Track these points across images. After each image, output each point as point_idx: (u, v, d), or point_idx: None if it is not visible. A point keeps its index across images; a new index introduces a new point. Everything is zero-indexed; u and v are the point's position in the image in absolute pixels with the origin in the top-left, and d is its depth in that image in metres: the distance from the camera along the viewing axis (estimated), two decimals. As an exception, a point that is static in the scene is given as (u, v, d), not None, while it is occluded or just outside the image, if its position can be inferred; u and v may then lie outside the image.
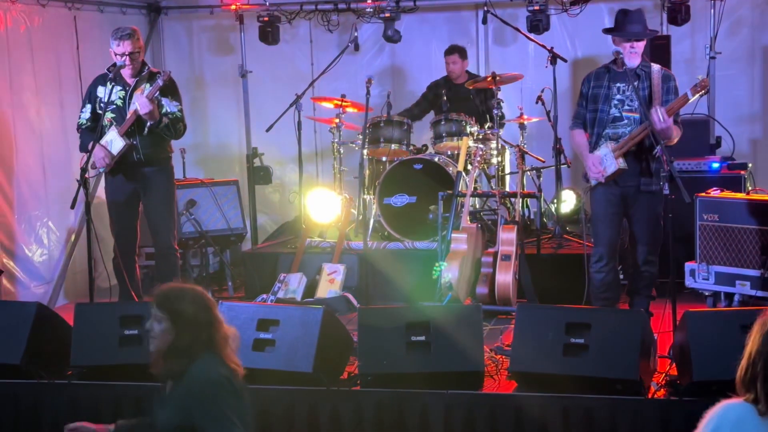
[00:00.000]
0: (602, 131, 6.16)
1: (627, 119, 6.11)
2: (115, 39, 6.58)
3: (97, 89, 6.76)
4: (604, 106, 6.15)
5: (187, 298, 3.65)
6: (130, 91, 6.66)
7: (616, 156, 6.03)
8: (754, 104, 8.93)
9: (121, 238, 6.87)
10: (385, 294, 7.46)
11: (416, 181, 7.93)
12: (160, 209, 6.85)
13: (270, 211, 9.97)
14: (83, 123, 6.80)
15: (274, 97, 8.99)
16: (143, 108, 6.43)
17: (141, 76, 6.69)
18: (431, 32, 9.63)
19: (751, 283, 6.71)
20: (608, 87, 6.16)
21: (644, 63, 6.18)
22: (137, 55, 6.62)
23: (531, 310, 5.55)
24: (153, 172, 6.78)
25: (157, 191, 6.83)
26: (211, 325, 3.65)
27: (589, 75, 6.32)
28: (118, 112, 6.66)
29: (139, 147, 6.65)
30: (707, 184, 7.25)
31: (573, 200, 8.75)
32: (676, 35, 8.52)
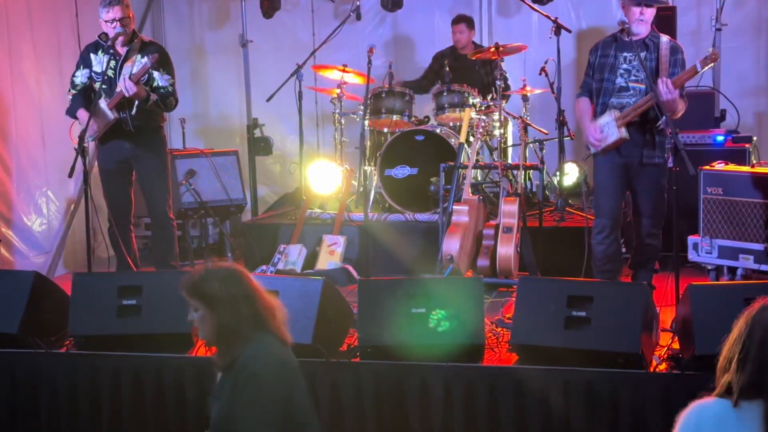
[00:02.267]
0: (607, 100, 6.10)
1: (633, 89, 6.05)
2: (104, 6, 6.50)
3: (89, 56, 6.69)
4: (610, 75, 6.09)
5: (213, 278, 3.57)
6: (120, 61, 6.58)
7: (618, 125, 5.98)
8: (759, 77, 8.85)
9: (115, 208, 6.83)
10: (385, 266, 7.41)
11: (418, 153, 7.87)
12: (153, 178, 6.80)
13: (270, 182, 9.92)
14: (78, 84, 6.72)
15: (275, 68, 8.91)
16: (129, 91, 6.35)
17: (132, 46, 6.61)
18: (434, 2, 9.54)
19: (754, 257, 6.67)
20: (615, 57, 6.10)
21: (653, 33, 6.11)
22: (127, 21, 6.53)
23: (532, 283, 5.51)
24: (144, 141, 6.73)
25: (149, 160, 6.78)
26: (249, 299, 3.56)
27: (597, 44, 6.26)
28: (109, 83, 6.58)
29: (128, 119, 6.59)
30: (711, 157, 7.19)
31: (576, 173, 8.68)
32: (682, 6, 8.45)
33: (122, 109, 6.56)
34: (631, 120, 6.00)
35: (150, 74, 6.50)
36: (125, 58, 6.58)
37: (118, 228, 6.79)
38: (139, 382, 5.30)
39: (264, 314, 3.58)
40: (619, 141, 6.01)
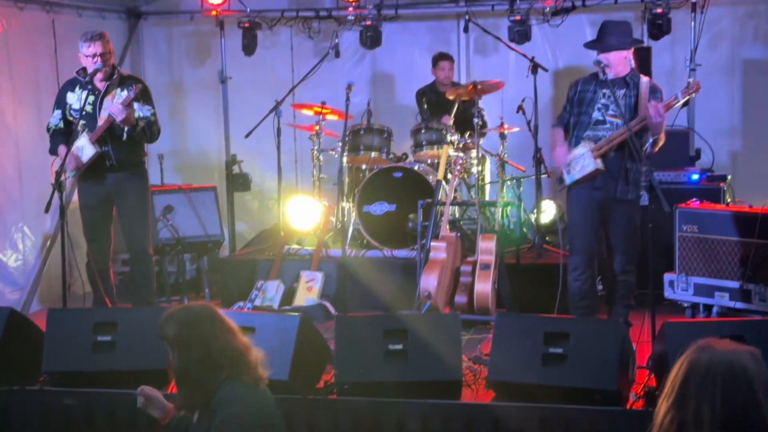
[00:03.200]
0: (582, 134, 6.15)
1: (609, 123, 6.11)
2: (84, 41, 6.52)
3: (66, 95, 6.69)
4: (588, 108, 6.16)
5: (173, 321, 3.53)
6: (100, 96, 6.59)
7: (594, 156, 6.03)
8: (734, 117, 8.96)
9: (95, 244, 6.80)
10: (363, 302, 7.40)
11: (396, 190, 7.90)
12: (134, 214, 6.79)
13: (248, 218, 9.91)
14: (51, 127, 6.73)
15: (253, 104, 8.92)
16: (118, 115, 6.36)
17: (112, 81, 6.62)
18: (413, 40, 9.61)
19: (729, 294, 6.71)
20: (594, 92, 6.18)
21: (633, 73, 6.19)
22: (108, 56, 6.55)
23: (509, 320, 5.52)
24: (126, 176, 6.73)
25: (131, 196, 6.77)
26: (208, 344, 3.49)
27: (577, 80, 6.35)
28: (89, 119, 6.58)
29: (111, 153, 6.59)
30: (687, 195, 7.25)
31: (553, 210, 8.74)
32: (657, 47, 8.53)
33: (104, 143, 6.55)
34: (606, 152, 6.05)
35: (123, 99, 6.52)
36: (105, 93, 6.58)
37: (97, 264, 6.76)
38: (114, 419, 5.26)
39: (230, 358, 3.51)
40: (595, 172, 6.05)
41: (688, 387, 2.66)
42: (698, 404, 2.62)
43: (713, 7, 8.51)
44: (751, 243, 6.61)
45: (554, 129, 6.41)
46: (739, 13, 8.81)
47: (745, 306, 6.63)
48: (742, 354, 2.67)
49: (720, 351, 2.67)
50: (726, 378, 2.61)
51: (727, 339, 2.80)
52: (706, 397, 2.62)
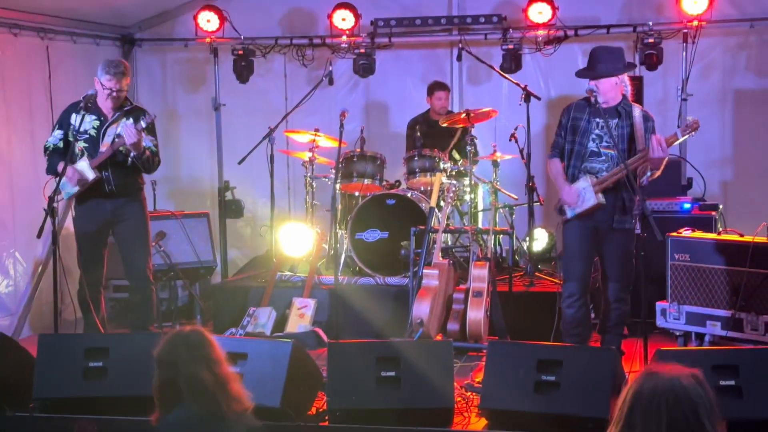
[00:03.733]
0: (579, 164, 6.16)
1: (605, 155, 6.12)
2: (107, 72, 6.53)
3: (70, 116, 6.68)
4: (583, 139, 6.16)
5: (163, 340, 3.59)
6: (107, 123, 6.60)
7: (596, 191, 6.04)
8: (725, 147, 9.00)
9: (89, 269, 6.77)
10: (355, 329, 7.37)
11: (389, 217, 7.91)
12: (134, 240, 6.79)
13: (241, 245, 9.90)
14: (50, 146, 6.71)
15: (247, 131, 8.94)
16: (130, 138, 6.37)
17: (121, 111, 6.64)
18: (406, 69, 9.66)
19: (721, 323, 6.72)
20: (588, 121, 6.17)
21: (626, 102, 6.20)
22: (123, 93, 6.60)
23: (502, 347, 5.52)
24: (125, 202, 6.74)
25: (131, 222, 6.77)
26: (176, 369, 3.52)
27: (570, 106, 6.34)
28: (91, 142, 6.59)
29: (111, 178, 6.60)
30: (679, 224, 7.28)
31: (545, 238, 8.77)
32: (649, 77, 8.60)
33: (104, 168, 6.56)
34: (607, 187, 6.07)
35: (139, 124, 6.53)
36: (112, 121, 6.60)
37: (90, 289, 6.72)
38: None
39: (195, 387, 3.50)
40: (596, 206, 6.07)
41: (634, 414, 2.67)
42: (645, 431, 2.62)
43: (705, 38, 8.58)
44: (742, 272, 6.63)
45: (552, 160, 6.40)
46: (730, 44, 8.88)
47: (737, 335, 6.64)
48: (686, 378, 2.67)
49: (664, 377, 2.67)
50: (670, 404, 2.62)
51: (675, 363, 2.80)
52: (651, 424, 2.62)
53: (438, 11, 9.34)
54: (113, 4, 9.03)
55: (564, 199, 6.21)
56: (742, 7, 8.73)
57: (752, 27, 8.67)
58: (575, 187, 6.14)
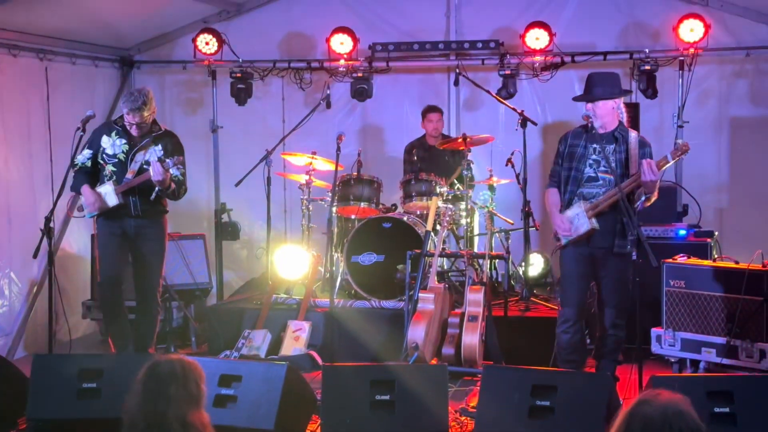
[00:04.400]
0: (576, 190, 6.17)
1: (602, 180, 6.13)
2: (124, 105, 6.58)
3: (101, 138, 6.70)
4: (580, 165, 6.17)
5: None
6: (135, 149, 6.63)
7: (589, 216, 6.04)
8: (721, 174, 9.04)
9: (111, 280, 6.76)
10: (350, 352, 7.38)
11: (385, 240, 7.92)
12: (151, 261, 6.83)
13: (236, 267, 9.90)
14: (78, 164, 6.73)
15: (244, 153, 8.97)
16: (156, 175, 6.42)
17: (150, 136, 6.68)
18: (403, 93, 9.70)
19: (716, 350, 6.72)
20: (584, 147, 6.19)
21: (622, 127, 6.22)
22: (145, 125, 6.63)
23: (497, 372, 5.52)
24: (148, 223, 6.78)
25: (151, 243, 6.82)
26: (138, 400, 3.52)
27: (567, 134, 6.36)
28: (119, 167, 6.63)
29: (138, 204, 6.65)
30: (674, 250, 7.29)
31: (541, 263, 8.79)
32: (645, 103, 8.63)
33: (131, 194, 6.62)
34: (601, 211, 6.08)
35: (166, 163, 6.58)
36: (140, 147, 6.63)
37: (110, 298, 6.75)
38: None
39: (149, 423, 3.46)
40: (590, 231, 6.07)
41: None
42: None
43: (701, 65, 8.63)
44: (737, 299, 6.64)
45: (549, 191, 6.40)
46: (726, 72, 8.93)
47: (732, 362, 6.64)
48: (684, 403, 2.75)
49: (660, 402, 2.73)
50: (673, 428, 2.68)
51: (665, 390, 2.83)
52: None
53: (436, 36, 9.39)
54: (112, 26, 9.07)
55: (556, 228, 6.22)
56: (738, 36, 8.79)
57: (748, 55, 8.73)
58: (567, 215, 6.15)
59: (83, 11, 8.27)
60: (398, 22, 9.50)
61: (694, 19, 8.30)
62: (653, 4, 9.02)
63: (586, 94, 6.26)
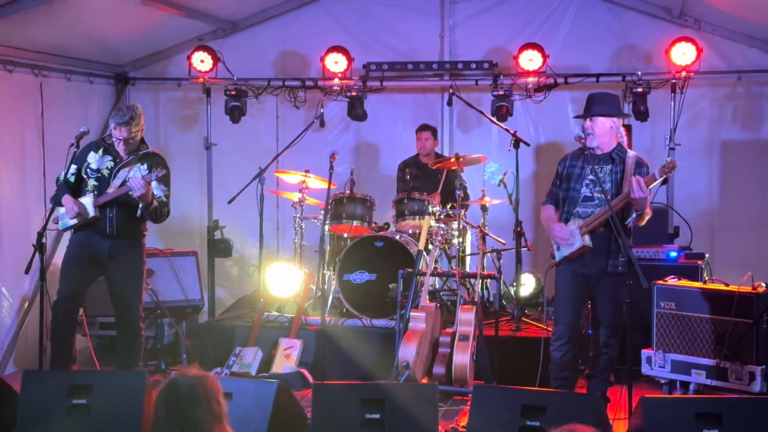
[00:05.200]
0: (573, 209, 6.20)
1: (598, 199, 6.14)
2: (113, 122, 6.55)
3: (88, 154, 6.67)
4: (577, 185, 6.21)
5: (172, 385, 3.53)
6: (120, 165, 6.61)
7: (582, 233, 6.07)
8: (712, 196, 9.09)
9: (66, 297, 6.62)
10: (341, 371, 7.39)
11: (377, 259, 7.94)
12: (127, 284, 6.72)
13: (228, 284, 9.90)
14: (61, 179, 6.69)
15: (237, 170, 8.99)
16: (137, 190, 6.36)
17: (136, 154, 6.66)
18: (397, 112, 9.75)
19: (706, 372, 6.74)
20: (582, 167, 6.22)
21: (620, 148, 6.25)
22: (132, 140, 6.59)
23: (487, 392, 5.51)
24: (123, 245, 6.68)
25: (125, 265, 6.70)
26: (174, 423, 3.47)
27: (566, 156, 6.40)
28: (101, 182, 6.59)
29: (113, 220, 6.58)
30: (665, 272, 7.32)
31: (532, 283, 8.81)
32: (637, 125, 8.68)
33: (109, 209, 6.55)
34: (594, 228, 6.09)
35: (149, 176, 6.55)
36: (125, 164, 6.61)
37: (62, 322, 6.58)
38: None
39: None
40: (583, 248, 6.09)
41: None
42: None
43: (693, 88, 8.69)
44: (727, 321, 6.66)
45: (545, 206, 6.44)
46: (717, 95, 9.00)
47: (722, 384, 6.65)
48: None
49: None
50: None
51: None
52: None
53: (430, 56, 9.45)
54: (108, 42, 9.10)
55: (556, 235, 6.22)
56: (729, 59, 8.87)
57: (740, 79, 8.80)
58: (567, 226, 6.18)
59: (78, 28, 8.30)
60: (393, 42, 9.57)
61: (686, 43, 8.36)
62: (646, 27, 9.09)
63: (585, 112, 6.29)
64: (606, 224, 6.06)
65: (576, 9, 9.27)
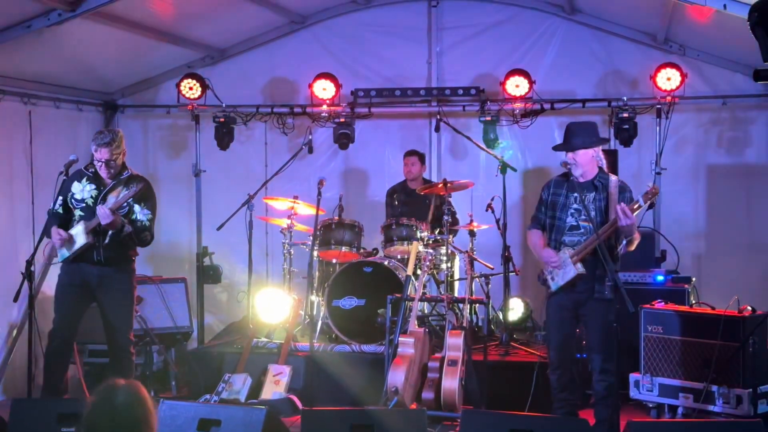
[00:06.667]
0: (560, 238, 6.25)
1: (583, 228, 6.20)
2: (93, 142, 6.58)
3: (72, 184, 6.68)
4: (562, 214, 6.27)
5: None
6: (104, 191, 6.62)
7: (574, 262, 6.11)
8: (698, 221, 9.15)
9: (62, 326, 6.66)
10: (331, 397, 7.38)
11: (366, 284, 7.96)
12: (117, 311, 6.73)
13: (217, 310, 9.89)
14: (51, 211, 6.70)
15: (226, 197, 9.00)
16: (103, 219, 6.39)
17: (119, 179, 6.66)
18: (385, 138, 9.79)
19: (694, 395, 6.76)
20: (566, 196, 6.29)
21: (602, 174, 6.31)
22: (114, 162, 6.59)
23: (475, 416, 5.53)
24: (112, 272, 6.68)
25: (115, 292, 6.71)
26: None
27: (549, 182, 6.46)
28: (88, 211, 6.59)
29: (101, 249, 6.57)
30: (652, 296, 7.36)
31: (521, 308, 8.83)
32: (624, 150, 8.74)
33: (96, 237, 6.55)
34: (584, 256, 6.14)
35: (131, 206, 6.55)
36: (110, 189, 6.62)
37: (57, 349, 6.60)
38: None
39: None
40: (577, 277, 6.13)
41: None
42: None
43: (678, 113, 8.76)
44: (714, 345, 6.69)
45: (531, 231, 6.51)
46: (703, 120, 9.08)
47: (709, 407, 6.67)
48: None
49: None
50: None
51: None
52: None
53: (417, 83, 9.51)
54: (97, 70, 9.13)
55: (546, 260, 6.26)
56: (714, 85, 8.95)
57: (724, 104, 8.89)
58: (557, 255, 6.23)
59: (68, 56, 8.34)
60: (380, 69, 9.64)
61: (671, 69, 8.44)
62: (631, 53, 9.18)
63: (565, 144, 6.35)
64: (594, 251, 6.10)
65: (562, 35, 9.36)
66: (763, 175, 8.95)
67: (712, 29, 8.19)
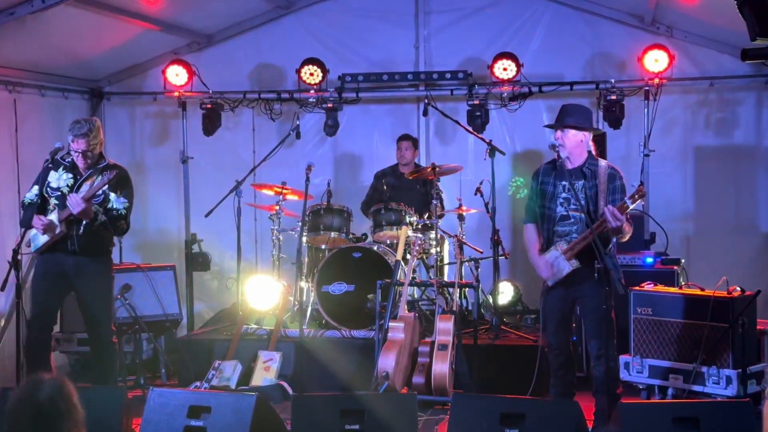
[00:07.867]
0: (552, 227, 6.20)
1: (573, 218, 6.14)
2: (71, 134, 6.49)
3: (48, 173, 6.60)
4: (551, 204, 6.20)
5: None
6: (81, 180, 6.56)
7: (567, 258, 6.06)
8: (687, 202, 9.16)
9: (38, 316, 6.58)
10: (321, 382, 7.39)
11: (355, 270, 7.94)
12: (95, 301, 6.67)
13: (207, 297, 9.88)
14: (26, 201, 6.65)
15: (214, 184, 8.96)
16: (75, 207, 6.31)
17: (96, 168, 6.59)
18: (373, 123, 9.77)
19: (683, 376, 6.78)
20: (554, 185, 6.22)
21: (591, 161, 6.22)
22: (91, 153, 6.52)
23: (466, 400, 5.52)
24: (88, 261, 6.60)
25: (92, 282, 6.64)
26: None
27: (538, 170, 6.39)
28: (62, 200, 6.51)
29: (75, 239, 6.51)
30: (641, 278, 7.36)
31: (511, 291, 8.84)
32: (612, 132, 8.73)
33: (71, 226, 6.50)
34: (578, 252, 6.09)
35: (106, 195, 6.50)
36: (85, 178, 6.56)
37: (36, 339, 6.53)
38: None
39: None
40: (571, 273, 6.09)
41: None
42: None
43: (666, 95, 8.76)
44: (703, 326, 6.71)
45: (526, 227, 6.42)
46: (690, 101, 9.08)
47: (699, 388, 6.69)
48: None
49: None
50: None
51: None
52: None
53: (405, 67, 9.48)
54: (82, 58, 9.08)
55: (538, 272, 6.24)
56: (702, 66, 8.95)
57: (712, 85, 8.89)
58: (546, 258, 6.16)
59: (52, 43, 8.28)
60: (368, 54, 9.60)
61: (658, 50, 8.44)
62: (619, 35, 9.16)
63: (557, 121, 6.30)
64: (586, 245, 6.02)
65: (549, 18, 9.33)
66: (751, 156, 8.98)
67: (700, 10, 8.19)
